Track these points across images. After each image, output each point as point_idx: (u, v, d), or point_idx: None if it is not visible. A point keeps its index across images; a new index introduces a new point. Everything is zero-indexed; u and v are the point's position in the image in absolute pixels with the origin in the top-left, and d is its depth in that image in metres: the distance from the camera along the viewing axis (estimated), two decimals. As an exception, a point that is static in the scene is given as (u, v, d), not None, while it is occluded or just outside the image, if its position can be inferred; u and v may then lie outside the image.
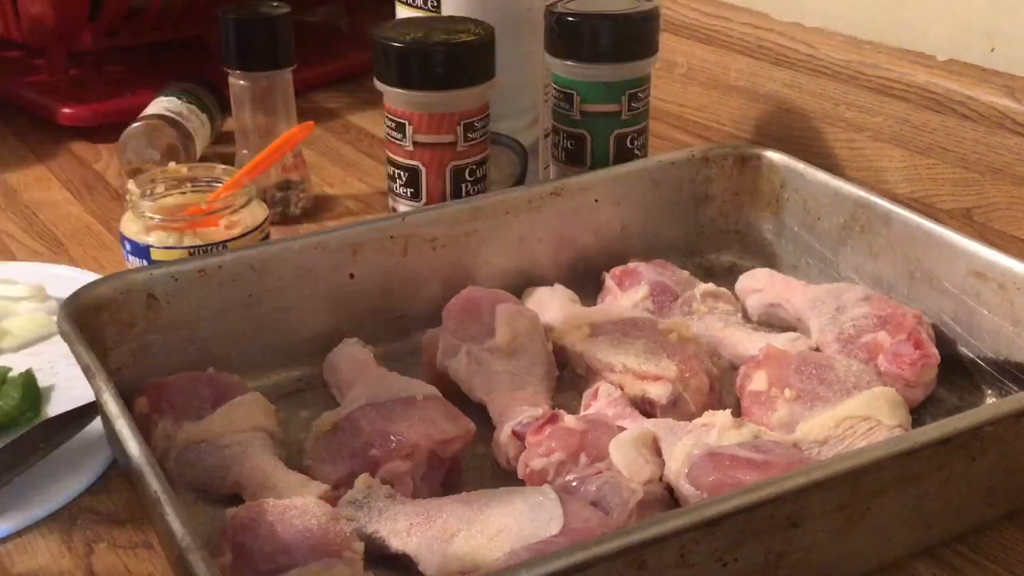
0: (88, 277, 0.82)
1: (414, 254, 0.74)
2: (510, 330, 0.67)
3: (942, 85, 0.84)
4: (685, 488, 0.57)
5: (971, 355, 0.69)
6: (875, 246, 0.75)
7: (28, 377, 0.70)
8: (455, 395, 0.66)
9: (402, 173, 0.80)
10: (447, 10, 0.85)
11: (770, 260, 0.83)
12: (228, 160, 0.93)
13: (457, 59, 0.76)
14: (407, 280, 0.74)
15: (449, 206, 0.76)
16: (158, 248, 0.75)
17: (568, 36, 0.81)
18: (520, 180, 0.88)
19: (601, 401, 0.64)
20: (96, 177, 1.05)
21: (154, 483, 0.50)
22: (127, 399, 0.60)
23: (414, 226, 0.73)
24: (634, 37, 0.82)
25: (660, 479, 0.58)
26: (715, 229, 0.85)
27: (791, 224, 0.81)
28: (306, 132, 0.86)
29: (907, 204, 0.78)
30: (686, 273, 0.78)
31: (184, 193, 0.80)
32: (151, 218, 0.76)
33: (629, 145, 0.84)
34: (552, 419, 0.61)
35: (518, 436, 0.62)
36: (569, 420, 0.61)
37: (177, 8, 1.19)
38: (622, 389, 0.65)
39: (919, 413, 0.67)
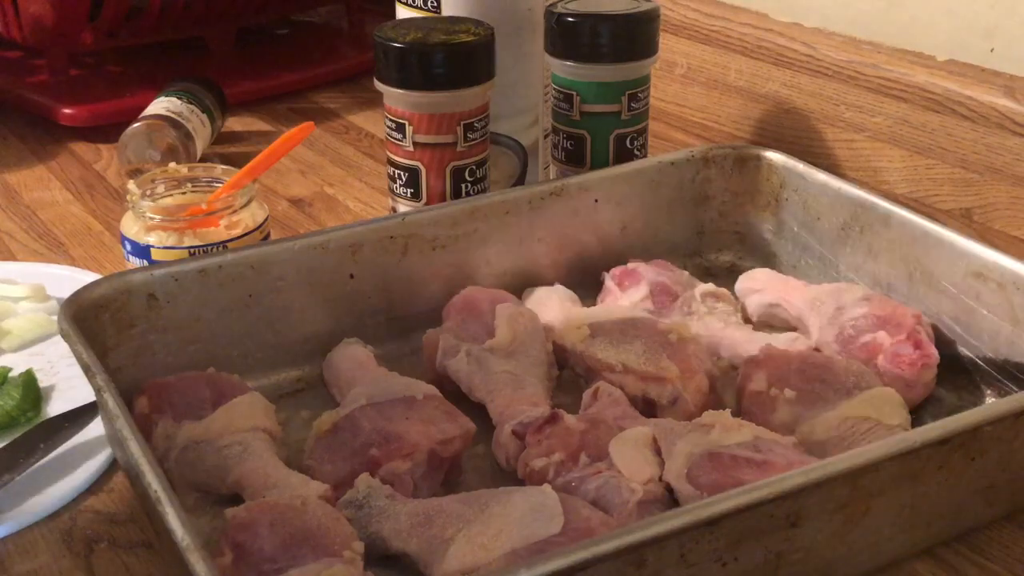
0: (88, 277, 0.82)
1: (414, 254, 0.74)
2: (510, 330, 0.67)
3: (942, 85, 0.84)
4: (685, 488, 0.57)
5: (971, 355, 0.69)
6: (875, 246, 0.75)
7: (28, 377, 0.70)
8: (455, 395, 0.66)
9: (402, 173, 0.80)
10: (447, 10, 0.85)
11: (770, 260, 0.83)
12: (228, 160, 0.94)
13: (457, 59, 0.76)
14: (407, 280, 0.74)
15: (449, 206, 0.76)
16: (158, 248, 0.75)
17: (568, 36, 0.81)
18: (520, 180, 0.88)
19: (601, 401, 0.64)
20: (96, 177, 1.05)
21: (154, 483, 0.50)
22: (127, 399, 0.60)
23: (414, 226, 0.73)
24: (634, 37, 0.82)
25: (660, 479, 0.58)
26: (715, 229, 0.85)
27: (791, 224, 0.81)
28: (306, 132, 0.85)
29: (907, 204, 0.78)
30: (686, 273, 0.78)
31: (184, 193, 0.80)
32: (151, 218, 0.76)
33: (629, 145, 0.84)
34: (552, 419, 0.61)
35: (518, 436, 0.62)
36: (569, 420, 0.61)
37: (177, 8, 1.19)
38: (622, 389, 0.65)
39: (919, 413, 0.67)
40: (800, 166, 0.80)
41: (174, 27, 1.22)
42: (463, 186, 0.80)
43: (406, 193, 0.80)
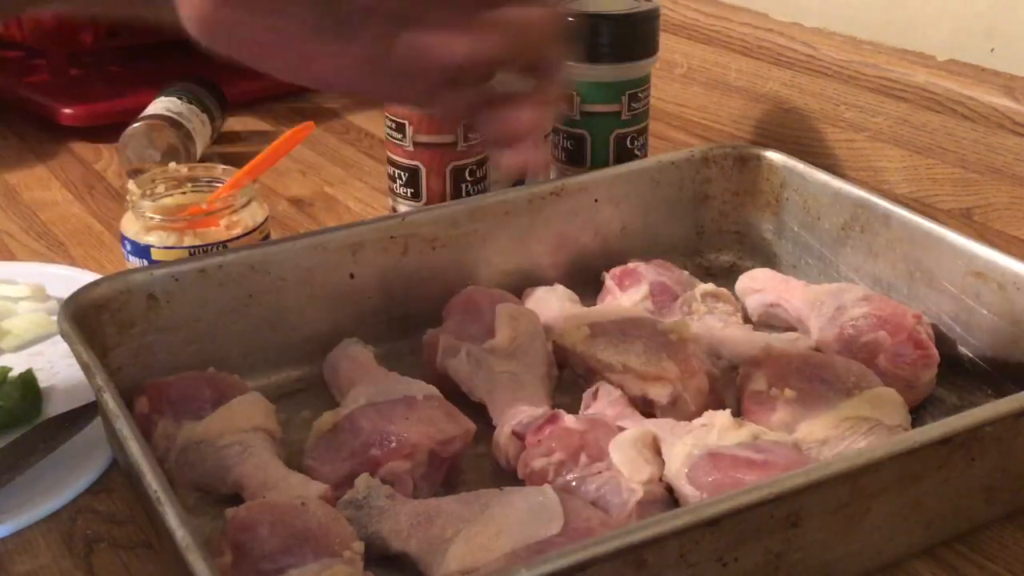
0: (88, 277, 0.82)
1: (414, 254, 0.74)
2: (510, 330, 0.67)
3: (942, 85, 0.84)
4: (685, 488, 0.57)
5: (971, 355, 0.69)
6: (875, 246, 0.75)
7: (28, 377, 0.70)
8: (455, 395, 0.66)
9: (402, 173, 0.80)
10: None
11: (770, 260, 0.83)
12: (228, 160, 0.93)
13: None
14: (407, 280, 0.74)
15: (449, 206, 0.76)
16: (158, 248, 0.75)
17: (568, 36, 0.81)
18: (520, 180, 0.88)
19: (601, 401, 0.64)
20: (96, 177, 1.05)
21: (154, 483, 0.50)
22: (127, 399, 0.60)
23: (414, 226, 0.73)
24: (634, 37, 0.82)
25: (660, 479, 0.58)
26: (715, 229, 0.85)
27: (791, 224, 0.81)
28: (306, 132, 0.86)
29: (907, 204, 0.78)
30: (686, 273, 0.78)
31: (184, 193, 0.80)
32: (151, 218, 0.76)
33: (629, 145, 0.84)
34: (552, 419, 0.61)
35: (518, 436, 0.62)
36: (569, 420, 0.61)
37: (177, 8, 1.19)
38: (622, 389, 0.65)
39: (919, 413, 0.67)
40: (800, 166, 0.80)
41: (175, 27, 1.22)
42: (463, 186, 0.80)
43: (406, 193, 0.80)
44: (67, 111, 1.12)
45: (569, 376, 0.70)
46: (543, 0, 0.50)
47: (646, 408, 0.65)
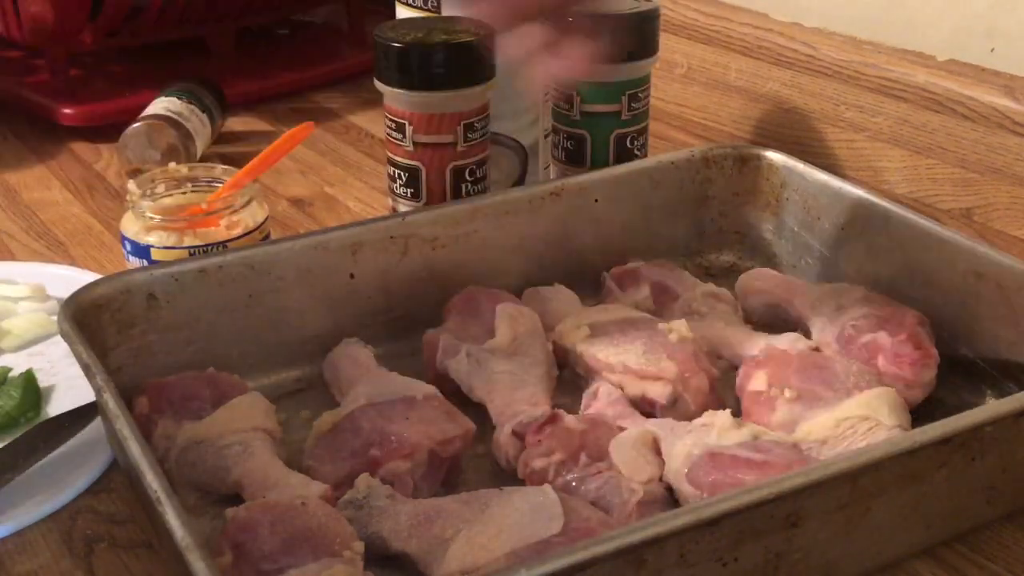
0: (88, 277, 0.82)
1: (414, 254, 0.74)
2: (510, 330, 0.67)
3: (942, 85, 0.84)
4: (685, 488, 0.57)
5: (971, 355, 0.69)
6: (875, 246, 0.75)
7: (28, 377, 0.70)
8: (455, 395, 0.66)
9: (402, 173, 0.80)
10: (447, 10, 0.85)
11: (770, 260, 0.83)
12: (228, 160, 0.94)
13: (457, 59, 0.76)
14: (407, 280, 0.74)
15: (449, 206, 0.76)
16: (158, 248, 0.75)
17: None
18: (520, 180, 0.88)
19: (601, 401, 0.65)
20: (96, 177, 1.05)
21: (154, 483, 0.50)
22: (127, 399, 0.60)
23: (414, 226, 0.73)
24: (634, 37, 0.82)
25: (660, 479, 0.58)
26: (715, 229, 0.85)
27: (791, 224, 0.81)
28: (306, 133, 0.86)
29: (907, 204, 0.78)
30: (686, 273, 0.78)
31: (184, 193, 0.80)
32: (151, 218, 0.76)
33: (629, 145, 0.84)
34: (552, 419, 0.61)
35: (518, 436, 0.62)
36: (569, 420, 0.61)
37: (177, 8, 1.19)
38: (622, 389, 0.65)
39: (919, 413, 0.67)
40: (800, 166, 0.80)
41: (174, 27, 1.22)
42: (463, 186, 0.80)
43: (406, 193, 0.80)
44: (67, 111, 1.12)
45: (569, 376, 0.70)
46: None
47: (646, 408, 0.65)
